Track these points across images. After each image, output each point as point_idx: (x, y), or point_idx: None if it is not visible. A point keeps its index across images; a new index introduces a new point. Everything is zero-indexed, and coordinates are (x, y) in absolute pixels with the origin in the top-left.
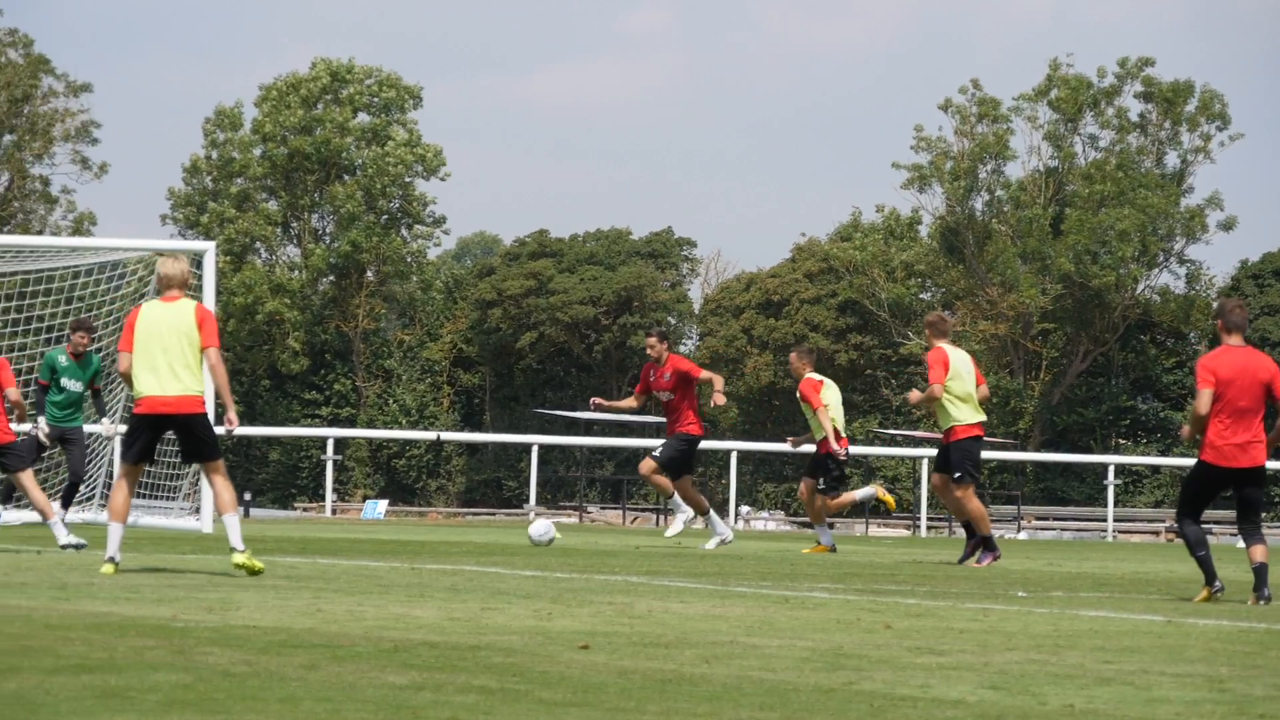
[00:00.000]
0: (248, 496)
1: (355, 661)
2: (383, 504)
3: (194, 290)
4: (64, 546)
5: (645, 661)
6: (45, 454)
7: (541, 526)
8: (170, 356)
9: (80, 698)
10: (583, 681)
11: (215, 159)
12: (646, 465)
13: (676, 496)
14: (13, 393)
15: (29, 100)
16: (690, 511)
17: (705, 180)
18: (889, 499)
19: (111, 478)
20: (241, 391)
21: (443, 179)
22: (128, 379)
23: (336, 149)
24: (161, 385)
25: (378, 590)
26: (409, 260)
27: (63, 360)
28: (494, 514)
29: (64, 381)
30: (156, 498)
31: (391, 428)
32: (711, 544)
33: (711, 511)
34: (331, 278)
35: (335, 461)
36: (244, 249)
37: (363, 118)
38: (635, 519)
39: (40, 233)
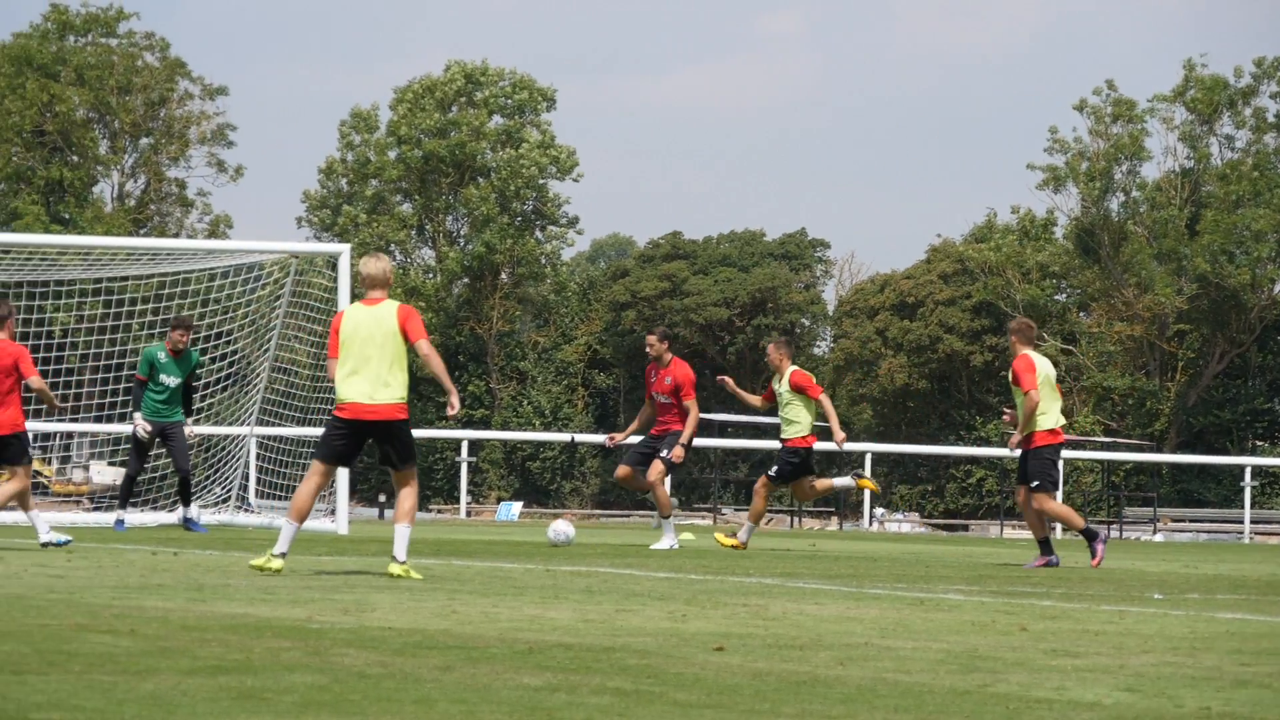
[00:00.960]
0: (381, 498)
1: (490, 663)
2: (517, 506)
3: (329, 293)
4: None
5: (780, 663)
6: (152, 452)
7: (559, 527)
8: (374, 362)
9: (216, 698)
10: (717, 683)
11: (351, 161)
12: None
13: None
14: (34, 381)
15: (165, 104)
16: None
17: (839, 181)
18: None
19: (247, 480)
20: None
21: (576, 180)
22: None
23: (471, 152)
24: (366, 392)
25: (512, 592)
26: (543, 262)
27: (161, 356)
28: (628, 516)
29: (162, 377)
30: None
31: (526, 430)
32: (662, 544)
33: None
34: (466, 280)
35: (470, 463)
36: (380, 250)
37: (496, 120)
38: (769, 520)
39: (177, 235)
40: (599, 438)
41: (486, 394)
